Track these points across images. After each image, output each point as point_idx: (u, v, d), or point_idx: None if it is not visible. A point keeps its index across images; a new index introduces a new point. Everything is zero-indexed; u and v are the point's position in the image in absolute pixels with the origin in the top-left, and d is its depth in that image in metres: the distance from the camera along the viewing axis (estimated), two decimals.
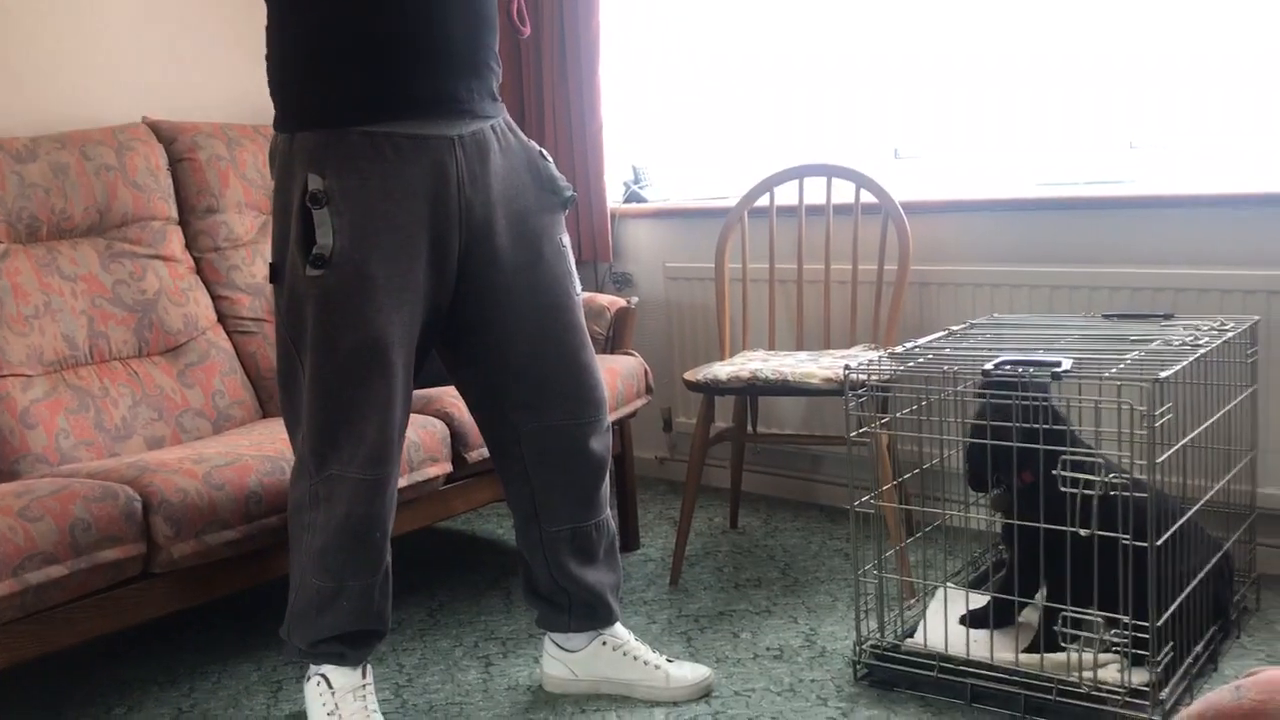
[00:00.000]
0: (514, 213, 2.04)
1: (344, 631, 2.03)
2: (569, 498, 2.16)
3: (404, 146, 1.90)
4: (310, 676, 2.09)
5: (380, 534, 2.01)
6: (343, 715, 2.04)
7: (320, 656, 2.07)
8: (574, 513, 2.17)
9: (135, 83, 3.12)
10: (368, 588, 2.02)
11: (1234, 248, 2.60)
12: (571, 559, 2.18)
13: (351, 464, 1.94)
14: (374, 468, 1.95)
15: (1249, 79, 2.70)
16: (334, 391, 1.93)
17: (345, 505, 1.96)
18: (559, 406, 2.11)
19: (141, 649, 2.59)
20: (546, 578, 2.20)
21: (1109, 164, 2.91)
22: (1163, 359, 2.06)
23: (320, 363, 1.93)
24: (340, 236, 1.88)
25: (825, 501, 3.34)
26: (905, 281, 2.90)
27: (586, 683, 2.25)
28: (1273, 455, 2.56)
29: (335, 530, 1.97)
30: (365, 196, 1.89)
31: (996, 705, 2.09)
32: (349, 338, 1.91)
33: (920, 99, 3.19)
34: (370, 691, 2.09)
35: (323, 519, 1.97)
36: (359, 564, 2.00)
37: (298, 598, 2.05)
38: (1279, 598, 2.51)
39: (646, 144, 3.71)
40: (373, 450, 1.95)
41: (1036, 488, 2.05)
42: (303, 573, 2.03)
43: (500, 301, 2.04)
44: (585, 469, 2.16)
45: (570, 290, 2.12)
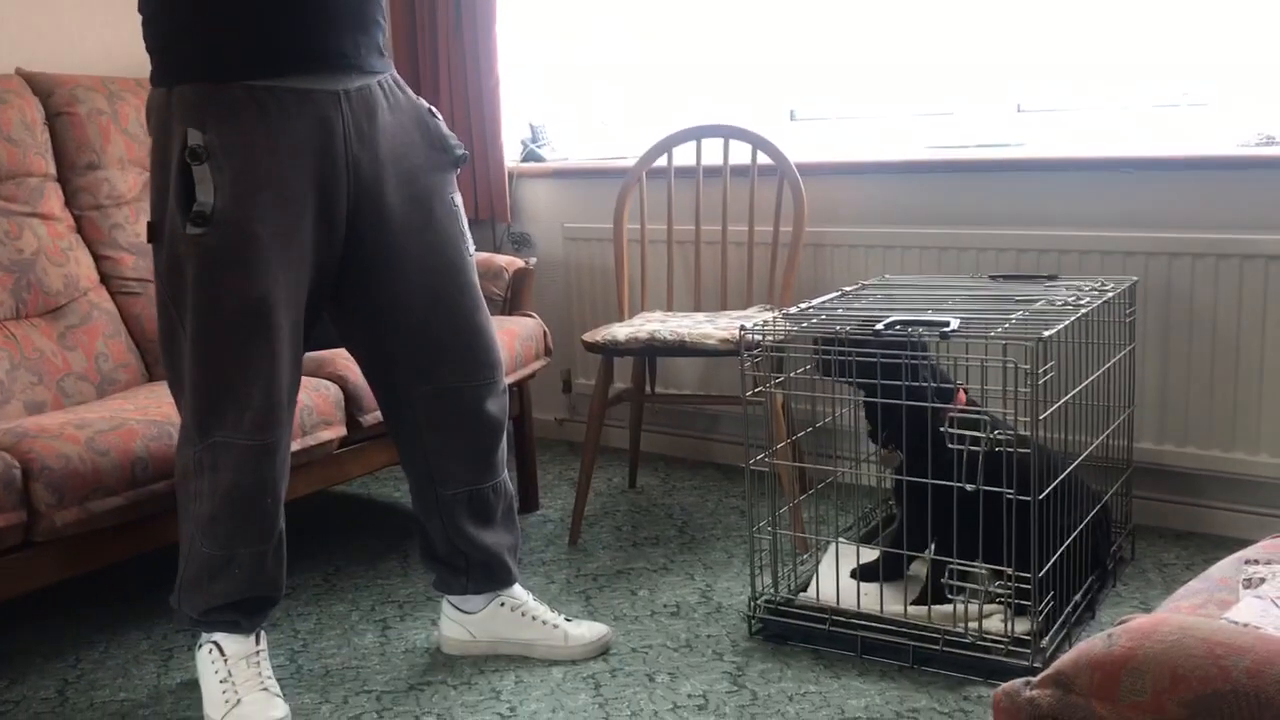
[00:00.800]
0: (404, 171, 2.00)
1: (236, 599, 2.00)
2: (465, 461, 2.15)
3: (288, 101, 1.85)
4: (202, 644, 2.06)
5: (272, 500, 1.97)
6: (236, 683, 2.01)
7: (212, 625, 2.04)
8: (470, 475, 2.16)
9: (6, 32, 2.98)
10: (259, 555, 1.99)
11: (1116, 211, 2.69)
12: (469, 522, 2.18)
13: (238, 430, 1.90)
14: (261, 433, 1.91)
15: (1133, 45, 2.78)
16: (217, 355, 1.88)
17: (232, 473, 1.92)
18: (453, 369, 2.09)
19: (24, 620, 2.52)
20: (444, 541, 2.19)
21: (997, 127, 2.97)
22: (1046, 319, 2.12)
23: (202, 325, 1.87)
24: (221, 194, 1.82)
25: (722, 460, 3.38)
26: (800, 243, 2.93)
27: (485, 643, 2.26)
28: (1148, 411, 2.67)
29: (223, 498, 1.93)
30: (248, 152, 1.83)
31: (886, 656, 2.15)
32: (232, 298, 1.85)
33: (816, 61, 3.21)
34: (264, 658, 2.06)
35: (209, 487, 1.93)
36: (249, 532, 1.96)
37: (188, 566, 2.01)
38: (1153, 548, 2.62)
39: (544, 102, 3.67)
40: (259, 415, 1.90)
41: (925, 444, 2.10)
42: (192, 540, 1.98)
43: (391, 262, 2.00)
44: (481, 431, 2.15)
45: (463, 251, 2.10)
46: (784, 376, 2.39)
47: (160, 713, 2.11)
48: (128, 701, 2.15)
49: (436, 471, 2.15)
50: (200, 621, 2.04)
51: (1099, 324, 2.37)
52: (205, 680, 2.04)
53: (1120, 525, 2.56)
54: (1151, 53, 2.76)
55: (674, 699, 2.07)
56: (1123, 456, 2.56)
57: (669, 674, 2.16)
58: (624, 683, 2.13)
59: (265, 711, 1.98)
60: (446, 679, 2.18)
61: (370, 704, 2.10)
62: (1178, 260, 2.59)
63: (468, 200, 3.55)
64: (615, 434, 3.44)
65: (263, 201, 1.85)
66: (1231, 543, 2.61)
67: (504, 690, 2.13)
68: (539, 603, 2.28)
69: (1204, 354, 2.60)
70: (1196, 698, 0.90)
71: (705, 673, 2.15)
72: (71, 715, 2.11)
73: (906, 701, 2.01)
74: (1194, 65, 2.71)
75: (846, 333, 2.14)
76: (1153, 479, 2.70)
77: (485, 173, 3.52)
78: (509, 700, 2.09)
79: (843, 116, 3.24)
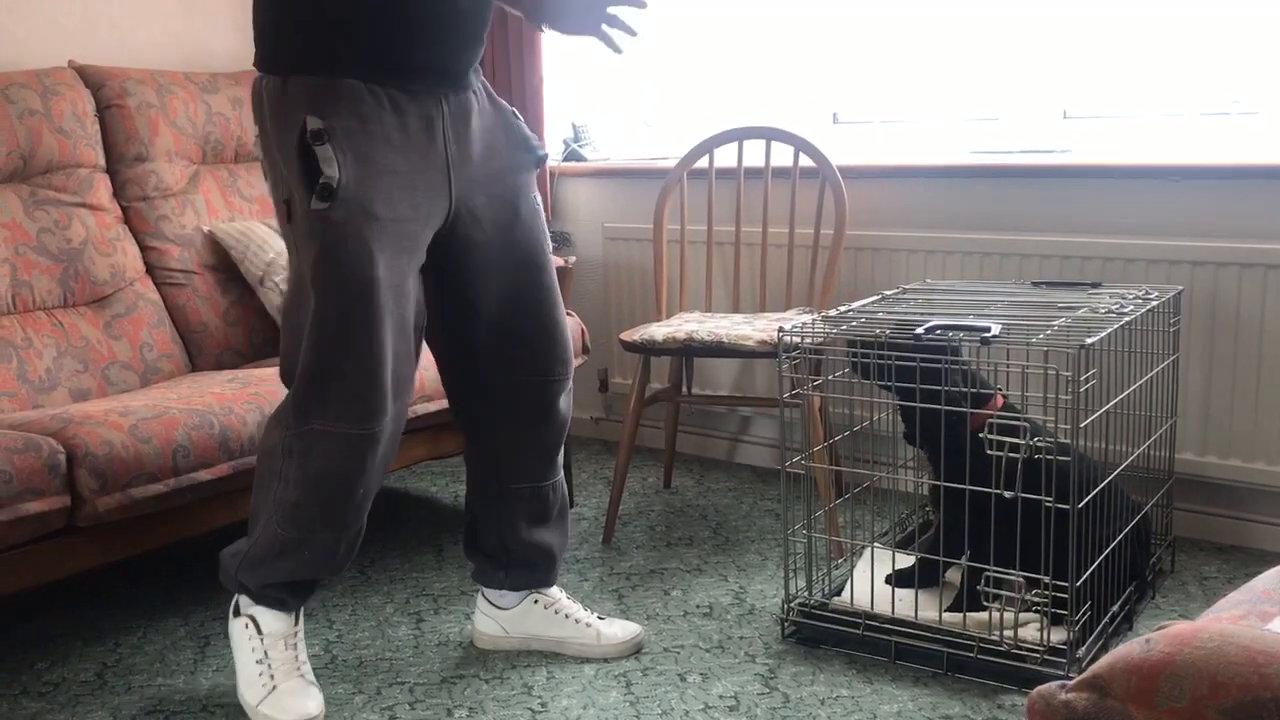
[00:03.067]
0: (491, 171, 2.02)
1: (298, 579, 2.00)
2: (534, 455, 2.17)
3: (399, 100, 1.89)
4: (239, 615, 2.06)
5: (363, 492, 1.95)
6: (272, 663, 2.01)
7: (262, 599, 2.03)
8: (537, 470, 2.18)
9: (60, 25, 3.03)
10: (335, 541, 1.97)
11: (1161, 218, 2.66)
12: (525, 518, 2.19)
13: (342, 418, 1.87)
14: (364, 422, 1.88)
15: (1183, 52, 2.75)
16: (330, 335, 1.86)
17: (325, 461, 1.89)
18: (531, 363, 2.11)
19: (65, 604, 2.56)
20: (494, 534, 2.21)
21: (1043, 133, 2.95)
22: (1089, 326, 2.10)
23: (321, 303, 1.86)
24: (345, 172, 1.83)
25: (757, 462, 3.37)
26: (841, 246, 2.92)
27: (517, 639, 2.27)
28: (1191, 422, 2.63)
29: (312, 486, 1.91)
30: (366, 139, 1.86)
31: (919, 662, 2.13)
32: (351, 277, 1.84)
33: (860, 64, 3.20)
34: (301, 640, 2.07)
35: (297, 473, 1.91)
36: (332, 519, 1.94)
37: (258, 541, 1.98)
38: (1193, 560, 2.59)
39: (587, 102, 3.68)
40: (364, 403, 1.88)
41: (964, 450, 2.08)
42: (268, 519, 1.96)
43: (478, 257, 2.02)
44: (553, 426, 2.17)
45: (545, 248, 2.12)
46: (822, 379, 2.38)
47: (196, 699, 2.13)
48: (164, 687, 2.18)
49: (504, 463, 2.16)
50: (251, 592, 2.03)
51: (1142, 333, 2.34)
52: (240, 655, 2.04)
53: (1160, 537, 2.52)
54: (1201, 60, 2.73)
55: (705, 699, 2.06)
56: (1164, 467, 2.53)
57: (701, 674, 2.15)
58: (655, 681, 2.13)
59: (302, 702, 1.99)
60: (479, 673, 2.19)
61: (403, 695, 2.11)
62: (1224, 270, 2.56)
63: None
64: (651, 434, 3.44)
65: (381, 186, 1.86)
66: (1274, 557, 2.57)
67: (536, 685, 2.13)
68: (573, 601, 2.29)
69: (1249, 365, 2.56)
70: (1236, 705, 0.89)
71: (737, 674, 2.15)
72: (109, 699, 2.14)
73: (939, 708, 2.00)
74: (1244, 73, 2.68)
75: (880, 336, 2.13)
76: (1195, 491, 2.67)
77: None
78: (540, 695, 2.10)
79: (886, 120, 3.22)
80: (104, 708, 2.11)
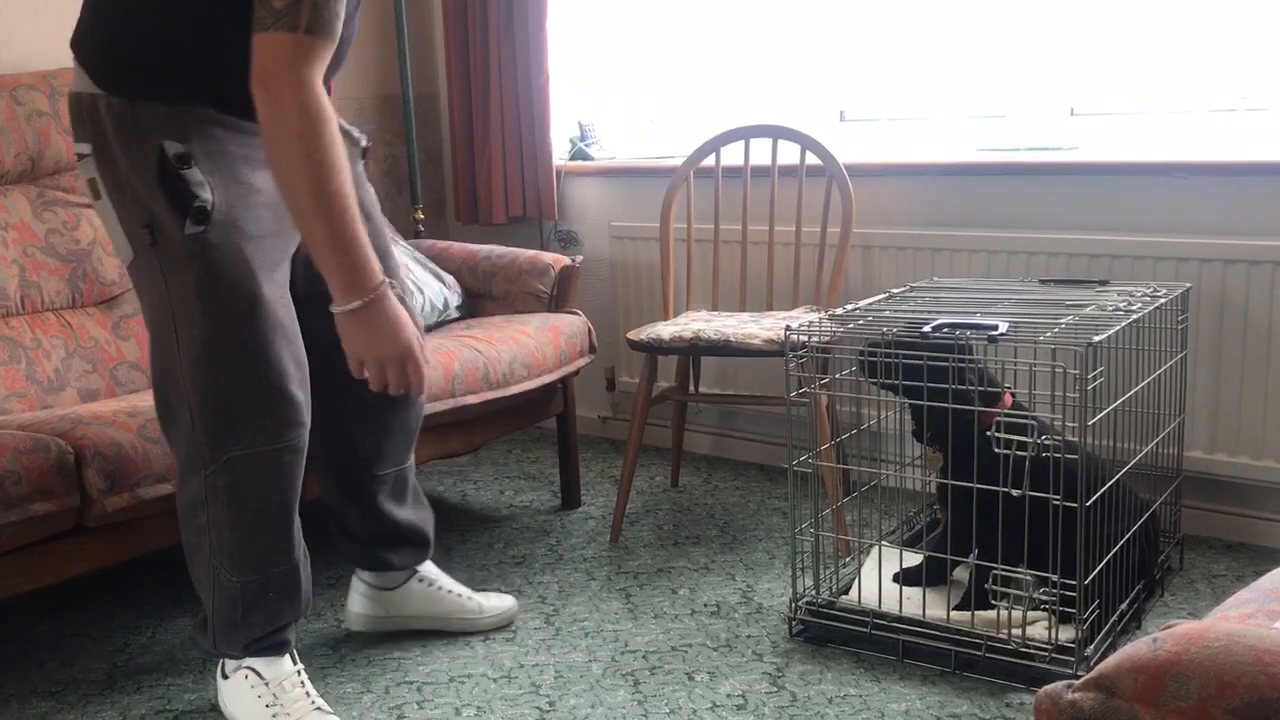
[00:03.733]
0: None
1: (277, 625, 1.95)
2: (398, 442, 2.21)
3: (245, 124, 1.83)
4: (234, 671, 1.97)
5: (296, 503, 1.92)
6: (284, 703, 1.93)
7: (250, 651, 1.96)
8: (401, 456, 2.23)
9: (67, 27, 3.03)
10: (292, 572, 1.94)
11: (1169, 215, 2.65)
12: (395, 500, 2.24)
13: (259, 436, 1.83)
14: (285, 434, 1.85)
15: (1191, 49, 2.74)
16: (227, 358, 1.81)
17: (253, 485, 1.84)
18: None
19: (75, 604, 2.56)
20: (370, 521, 2.24)
21: (1050, 130, 2.94)
22: (1096, 324, 2.10)
23: (209, 329, 1.80)
24: (216, 193, 1.81)
25: (765, 461, 3.37)
26: (848, 244, 2.92)
27: (400, 619, 2.32)
28: (1200, 420, 2.63)
29: (250, 518, 1.86)
30: (229, 161, 1.83)
31: (928, 661, 2.13)
32: (242, 294, 1.81)
33: (867, 62, 3.20)
34: (304, 675, 2.00)
35: (227, 511, 1.85)
36: (279, 547, 1.91)
37: (217, 604, 1.91)
38: (1202, 558, 2.58)
39: (593, 101, 3.68)
40: (281, 414, 1.84)
41: (968, 447, 2.08)
42: (215, 575, 1.90)
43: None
44: (413, 413, 2.22)
45: (385, 235, 2.14)
46: (829, 378, 2.38)
47: (205, 698, 2.13)
48: (174, 686, 2.18)
49: (373, 454, 2.18)
50: (235, 656, 1.97)
51: (1150, 330, 2.34)
52: (246, 707, 1.95)
53: (1169, 535, 2.52)
54: (1209, 56, 2.72)
55: (713, 698, 2.06)
56: (1172, 465, 2.52)
57: (708, 673, 2.15)
58: (663, 680, 2.13)
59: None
60: (487, 672, 2.19)
61: (411, 695, 2.12)
62: (1232, 267, 2.55)
63: (515, 197, 3.57)
64: (658, 433, 3.44)
65: (249, 204, 1.85)
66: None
67: (543, 685, 2.14)
68: (448, 576, 2.36)
69: (1258, 362, 2.55)
70: (1243, 704, 0.89)
71: (745, 673, 2.15)
72: (119, 698, 2.15)
73: (947, 706, 2.00)
74: (1253, 69, 2.67)
75: (887, 335, 2.13)
76: (1203, 489, 2.66)
77: (533, 170, 3.54)
78: (548, 694, 2.10)
79: (893, 118, 3.22)
80: (113, 707, 2.12)
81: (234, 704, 1.97)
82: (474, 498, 3.18)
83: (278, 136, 1.73)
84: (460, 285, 3.08)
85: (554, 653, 2.25)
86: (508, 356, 2.68)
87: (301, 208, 1.75)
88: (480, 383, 2.59)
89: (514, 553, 2.77)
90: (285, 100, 1.70)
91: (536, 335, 2.80)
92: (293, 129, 1.71)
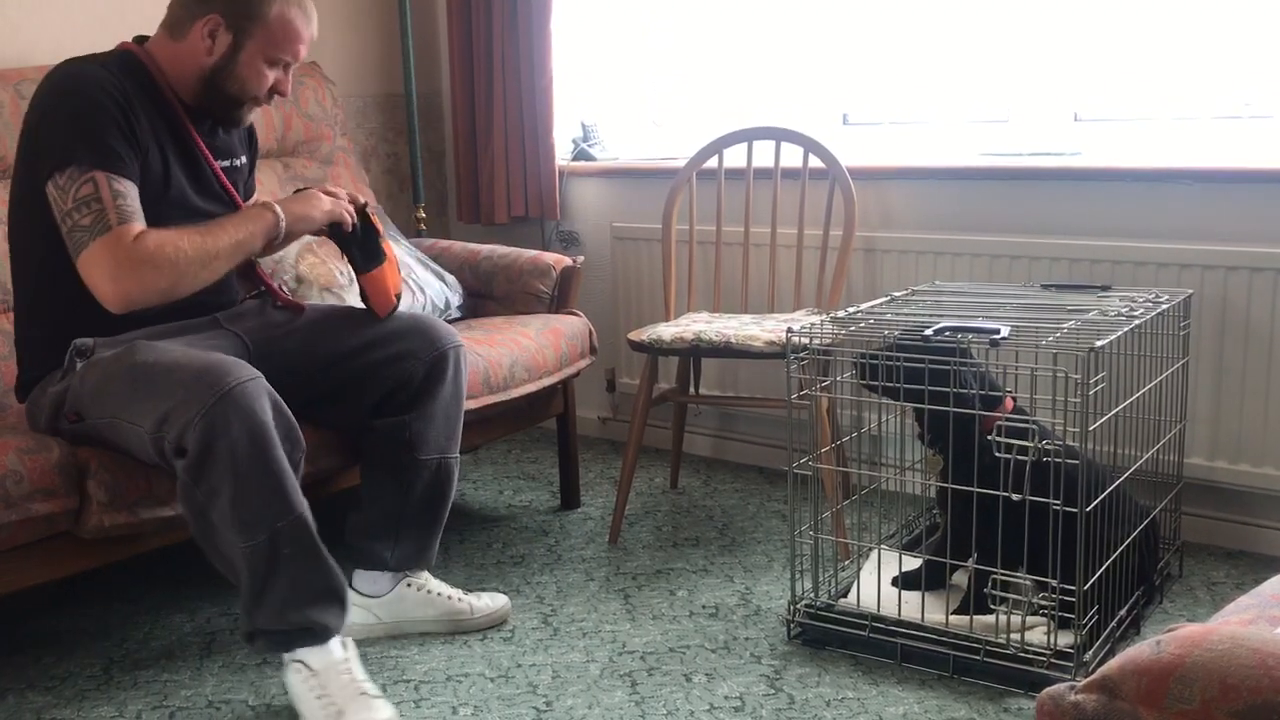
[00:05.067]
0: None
1: (304, 591, 1.94)
2: (439, 428, 2.29)
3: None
4: (288, 665, 1.99)
5: (277, 451, 1.89)
6: (331, 693, 1.94)
7: (292, 639, 1.97)
8: (443, 444, 2.29)
9: (72, 21, 3.03)
10: (299, 524, 1.92)
11: (1172, 222, 2.65)
12: (430, 488, 2.29)
13: (193, 401, 1.85)
14: (219, 383, 1.86)
15: (1195, 55, 2.74)
16: (134, 382, 1.95)
17: (223, 438, 1.84)
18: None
19: (72, 600, 2.56)
20: (389, 512, 2.26)
21: (1053, 135, 2.94)
22: (1098, 329, 2.09)
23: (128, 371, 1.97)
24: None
25: (765, 463, 3.36)
26: (850, 247, 2.91)
27: (389, 625, 2.32)
28: (1201, 426, 2.62)
29: (232, 474, 1.85)
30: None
31: (926, 665, 2.13)
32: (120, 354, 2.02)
33: (870, 65, 3.20)
34: (356, 663, 2.00)
35: (210, 480, 1.86)
36: (277, 497, 1.89)
37: (245, 582, 1.93)
38: (1202, 566, 2.58)
39: (596, 102, 3.68)
40: (206, 377, 1.87)
41: (972, 452, 2.08)
42: (230, 549, 1.92)
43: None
44: (453, 401, 2.31)
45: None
46: (829, 380, 2.38)
47: (202, 694, 2.13)
48: (170, 682, 2.18)
49: (417, 437, 2.25)
50: (279, 636, 1.97)
51: (1152, 336, 2.33)
52: (303, 701, 1.96)
53: (1168, 542, 2.52)
54: (1213, 63, 2.72)
55: (710, 700, 2.06)
56: (1173, 472, 2.52)
57: (706, 675, 2.15)
58: (661, 682, 2.13)
59: (371, 715, 1.92)
60: (484, 671, 2.19)
61: (408, 693, 2.11)
62: (1234, 274, 2.55)
63: (517, 197, 3.57)
64: (658, 434, 3.44)
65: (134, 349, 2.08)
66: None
67: (541, 685, 2.13)
68: (436, 579, 2.37)
69: (1259, 369, 2.55)
70: (1247, 707, 0.89)
71: (742, 675, 2.14)
72: (115, 694, 2.14)
73: (945, 711, 1.99)
74: (1257, 76, 2.67)
75: (886, 340, 2.12)
76: (1203, 496, 2.66)
77: (536, 171, 3.54)
78: (545, 694, 2.10)
79: (896, 121, 3.22)
80: (110, 702, 2.11)
81: (294, 697, 1.99)
82: (473, 497, 3.17)
83: (161, 291, 2.00)
84: (461, 285, 3.08)
85: (551, 653, 2.25)
86: (508, 359, 2.67)
87: (218, 271, 2.06)
88: (480, 386, 2.58)
89: (513, 553, 2.77)
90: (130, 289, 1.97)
91: (537, 337, 2.79)
92: (161, 286, 1.99)
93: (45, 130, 2.01)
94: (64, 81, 2.04)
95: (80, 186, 1.95)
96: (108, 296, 1.97)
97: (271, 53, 2.09)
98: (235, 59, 2.07)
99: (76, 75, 2.04)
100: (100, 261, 1.94)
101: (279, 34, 2.08)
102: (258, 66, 2.09)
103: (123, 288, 1.96)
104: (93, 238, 1.94)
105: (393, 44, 3.70)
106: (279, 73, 2.13)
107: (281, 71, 2.13)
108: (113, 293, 1.96)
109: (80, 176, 1.95)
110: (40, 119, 2.03)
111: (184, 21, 2.08)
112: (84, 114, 1.98)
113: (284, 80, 2.15)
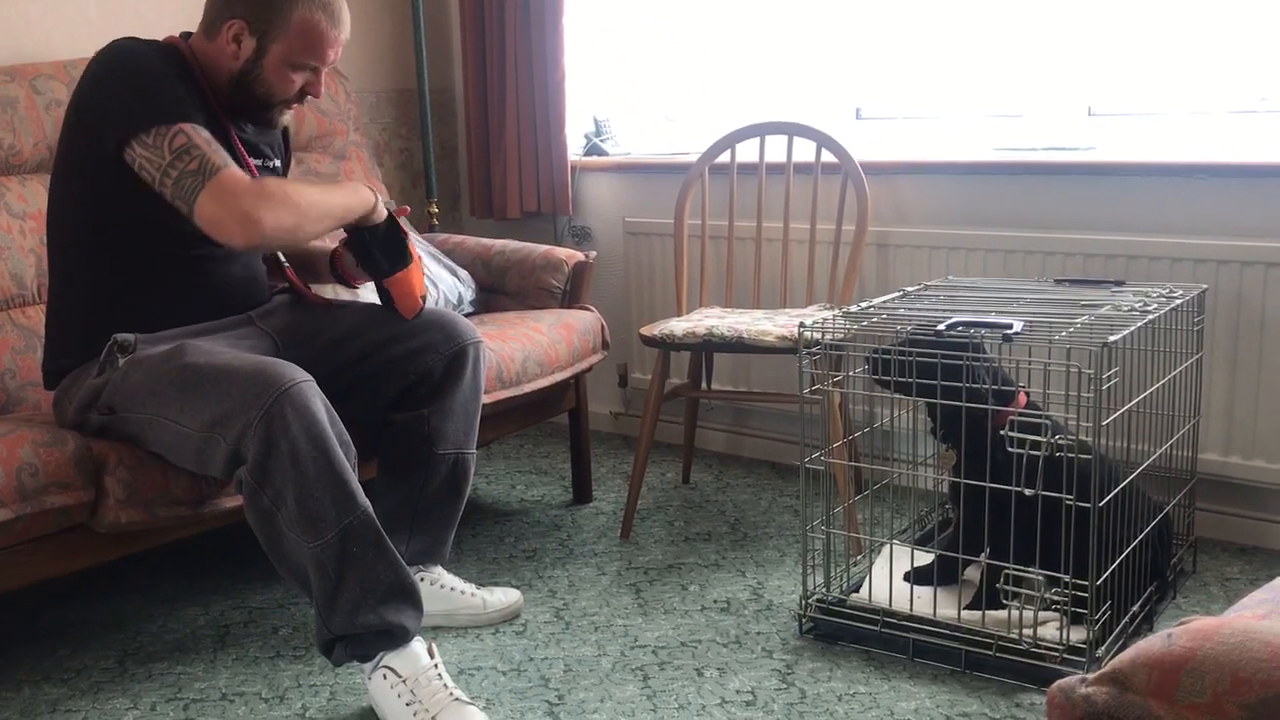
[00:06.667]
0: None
1: (374, 588, 1.90)
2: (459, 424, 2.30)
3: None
4: (374, 671, 1.96)
5: (335, 448, 1.87)
6: (422, 699, 1.91)
7: (371, 644, 1.94)
8: (460, 439, 2.29)
9: (86, 16, 3.05)
10: (364, 519, 1.89)
11: (1186, 216, 2.64)
12: (446, 484, 2.29)
13: (251, 404, 1.84)
14: (271, 386, 1.85)
15: (1209, 49, 2.72)
16: (187, 387, 1.94)
17: (283, 439, 1.83)
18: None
19: (87, 592, 2.57)
20: (406, 504, 2.26)
21: (1067, 130, 2.93)
22: (1112, 324, 2.09)
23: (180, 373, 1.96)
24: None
25: (777, 458, 3.36)
26: (863, 242, 2.91)
27: None
28: (1215, 422, 2.61)
29: (296, 472, 1.83)
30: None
31: (938, 660, 2.12)
32: (167, 353, 2.02)
33: (883, 60, 3.19)
34: (444, 670, 1.98)
35: (275, 485, 1.85)
36: (340, 494, 1.87)
37: (317, 587, 1.90)
38: (1215, 561, 2.57)
39: (609, 96, 3.68)
40: (256, 380, 1.87)
41: (984, 448, 2.08)
42: (300, 554, 1.88)
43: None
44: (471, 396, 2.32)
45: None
46: (842, 375, 2.37)
47: (216, 686, 2.14)
48: (184, 675, 2.19)
49: (435, 432, 2.24)
50: (356, 641, 1.93)
51: (1166, 331, 2.32)
52: (390, 708, 1.93)
53: (1182, 537, 2.51)
54: (1228, 57, 2.70)
55: (722, 694, 2.06)
56: (1186, 467, 2.51)
57: (718, 669, 2.15)
58: (672, 676, 2.13)
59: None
60: (496, 665, 2.19)
61: None
62: (1249, 269, 2.53)
63: (530, 192, 3.57)
64: (670, 429, 3.44)
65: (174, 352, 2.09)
66: None
67: (553, 678, 2.14)
68: (449, 574, 2.37)
69: (1274, 364, 2.54)
70: (1259, 700, 0.88)
71: (754, 669, 2.15)
72: (130, 685, 2.16)
73: (957, 706, 1.99)
74: (1272, 70, 2.66)
75: (899, 335, 2.12)
76: (1217, 491, 2.65)
77: (548, 166, 3.54)
78: (557, 688, 2.10)
79: (909, 116, 3.21)
80: (124, 694, 2.13)
81: (380, 704, 1.96)
82: (485, 492, 3.18)
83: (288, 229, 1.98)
84: (474, 280, 3.09)
85: (563, 646, 2.25)
86: (520, 355, 2.68)
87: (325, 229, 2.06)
88: (493, 381, 2.58)
89: (525, 547, 2.77)
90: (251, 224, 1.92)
91: (549, 332, 2.80)
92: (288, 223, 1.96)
93: (110, 99, 1.99)
94: (121, 53, 2.02)
95: (173, 139, 1.93)
96: (236, 233, 1.91)
97: (296, 58, 2.06)
98: (260, 63, 2.06)
99: (131, 47, 2.03)
100: (224, 197, 1.90)
101: (303, 39, 2.05)
102: (283, 71, 2.07)
103: (254, 221, 1.90)
104: (206, 179, 1.91)
105: (406, 39, 3.70)
106: (308, 75, 2.11)
107: (311, 75, 2.11)
108: (242, 230, 1.91)
109: (168, 131, 1.93)
110: (98, 89, 2.00)
111: (215, 23, 2.07)
112: (154, 75, 1.98)
113: (315, 83, 2.12)
